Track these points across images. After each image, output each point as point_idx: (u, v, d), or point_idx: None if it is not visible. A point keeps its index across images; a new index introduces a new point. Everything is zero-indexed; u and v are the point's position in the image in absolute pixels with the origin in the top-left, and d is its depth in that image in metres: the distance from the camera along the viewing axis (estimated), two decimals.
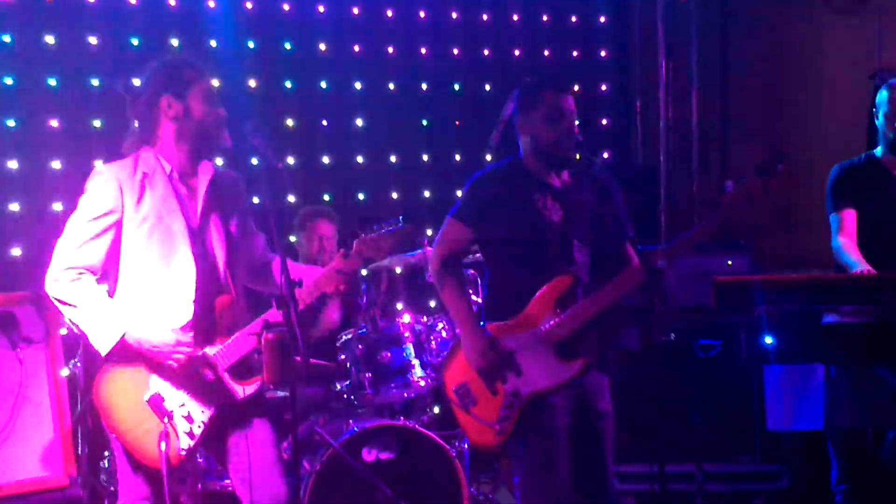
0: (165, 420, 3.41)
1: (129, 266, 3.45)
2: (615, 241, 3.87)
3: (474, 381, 3.78)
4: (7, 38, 5.34)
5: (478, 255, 4.38)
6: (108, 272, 3.47)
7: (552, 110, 3.77)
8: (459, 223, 3.85)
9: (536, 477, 3.74)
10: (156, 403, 3.44)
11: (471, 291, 4.68)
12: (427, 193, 6.57)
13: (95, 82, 5.54)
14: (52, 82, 5.46)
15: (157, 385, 3.46)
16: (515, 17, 6.88)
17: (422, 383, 4.73)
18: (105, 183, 3.43)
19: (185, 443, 3.45)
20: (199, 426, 3.47)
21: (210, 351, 3.49)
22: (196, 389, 3.48)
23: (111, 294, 3.47)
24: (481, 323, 3.84)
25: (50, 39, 5.43)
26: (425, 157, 6.61)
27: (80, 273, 3.38)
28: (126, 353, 3.39)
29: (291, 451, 3.80)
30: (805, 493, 5.24)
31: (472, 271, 4.94)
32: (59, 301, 3.40)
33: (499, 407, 3.75)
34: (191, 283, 3.48)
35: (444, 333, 4.86)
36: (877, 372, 4.42)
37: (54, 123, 5.49)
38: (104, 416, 3.50)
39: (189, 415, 3.46)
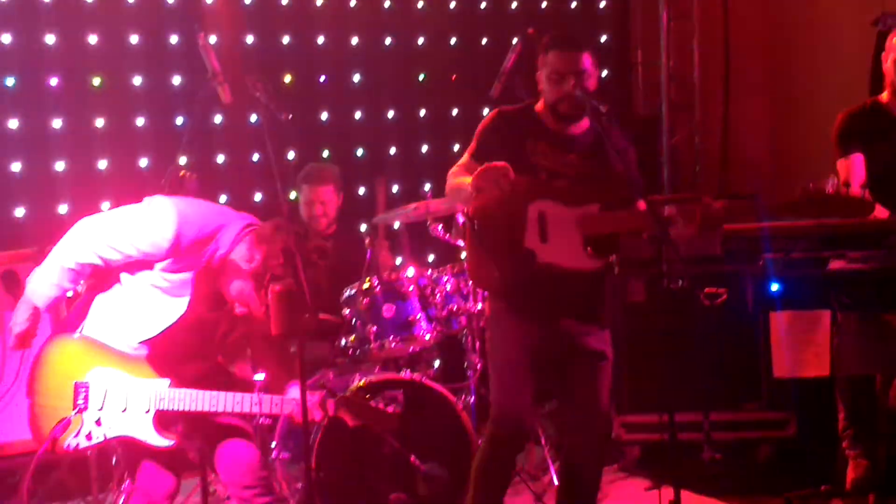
0: (74, 411, 3.43)
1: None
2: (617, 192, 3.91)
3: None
4: None
5: None
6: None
7: (552, 71, 3.82)
8: (474, 162, 3.85)
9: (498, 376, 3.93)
10: (79, 391, 3.46)
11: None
12: (425, 148, 6.57)
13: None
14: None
15: (93, 378, 3.48)
16: None
17: (427, 337, 4.74)
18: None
19: (75, 442, 3.45)
20: (99, 437, 3.46)
21: (156, 383, 3.51)
22: (118, 408, 3.48)
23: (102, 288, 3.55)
24: None
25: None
26: (422, 112, 6.59)
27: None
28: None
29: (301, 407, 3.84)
30: (811, 440, 5.26)
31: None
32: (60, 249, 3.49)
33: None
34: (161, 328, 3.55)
35: (448, 287, 4.85)
36: (884, 318, 4.44)
37: (53, 82, 5.48)
38: (32, 370, 3.56)
39: (99, 421, 3.46)
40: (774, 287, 4.32)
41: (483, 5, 6.74)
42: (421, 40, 6.53)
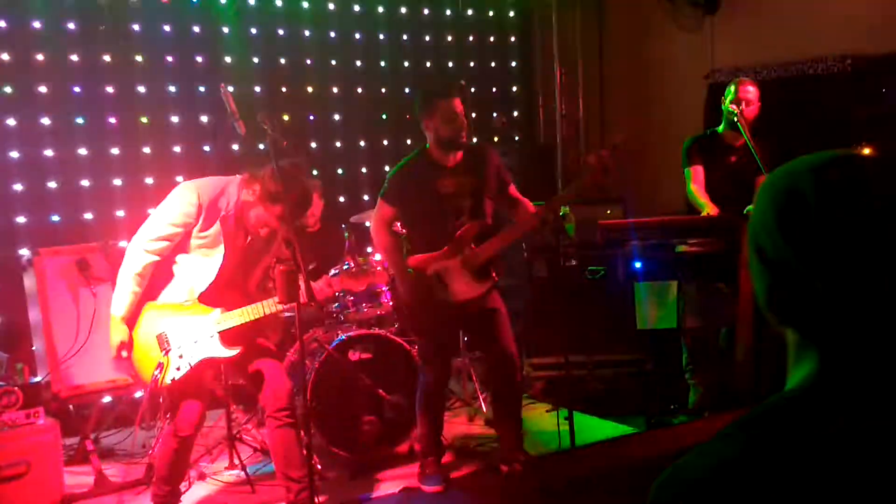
0: (163, 354, 3.41)
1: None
2: (502, 196, 3.93)
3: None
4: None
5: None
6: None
7: (445, 113, 3.78)
8: (386, 203, 3.89)
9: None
10: (161, 340, 3.43)
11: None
12: (387, 168, 6.49)
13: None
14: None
15: (167, 328, 3.44)
16: (449, 38, 6.82)
17: (390, 304, 4.75)
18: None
19: (171, 377, 3.41)
20: (186, 367, 3.43)
21: (212, 315, 3.46)
22: (190, 342, 3.45)
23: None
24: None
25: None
26: (385, 142, 6.56)
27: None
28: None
29: (299, 353, 3.81)
30: (664, 373, 5.31)
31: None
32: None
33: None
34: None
35: None
36: (714, 286, 4.52)
37: (112, 121, 5.38)
38: (129, 334, 3.50)
39: (181, 355, 3.43)
40: (638, 265, 4.37)
41: (428, 64, 6.72)
42: (384, 90, 6.49)
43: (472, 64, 6.93)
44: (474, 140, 3.90)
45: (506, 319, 3.99)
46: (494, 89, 7.03)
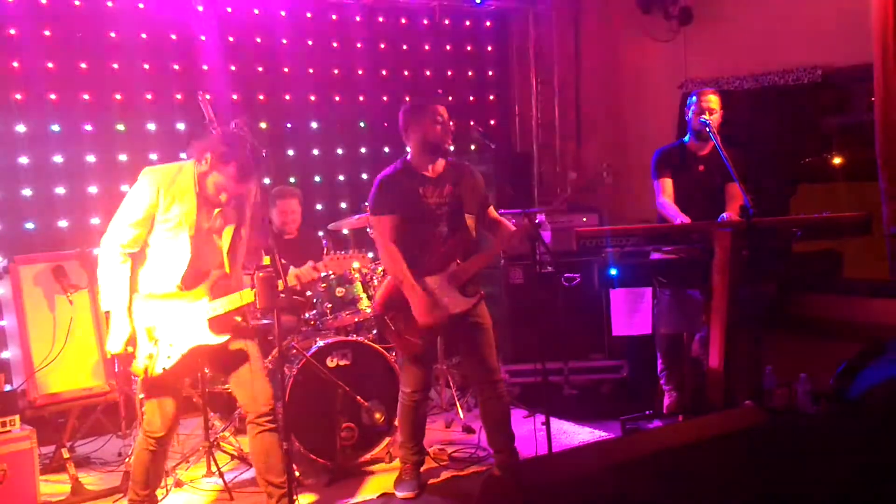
0: (151, 344, 3.41)
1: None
2: (482, 216, 4.00)
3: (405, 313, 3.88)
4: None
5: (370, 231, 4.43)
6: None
7: (435, 115, 3.87)
8: (381, 216, 3.91)
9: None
10: (150, 330, 3.43)
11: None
12: (365, 176, 6.56)
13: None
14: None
15: (155, 317, 3.43)
16: (427, 47, 6.86)
17: (367, 311, 4.76)
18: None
19: (161, 366, 3.42)
20: (176, 355, 3.42)
21: (199, 303, 3.44)
22: (179, 331, 3.44)
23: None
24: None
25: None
26: (363, 150, 6.57)
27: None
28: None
29: (276, 361, 3.81)
30: (638, 378, 5.40)
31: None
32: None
33: (418, 329, 3.87)
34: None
35: (382, 274, 4.88)
36: (688, 292, 4.58)
37: (88, 128, 5.37)
38: None
39: (171, 344, 3.43)
40: (613, 272, 4.41)
41: (406, 73, 6.76)
42: (361, 98, 6.52)
43: (448, 73, 6.98)
44: (452, 153, 3.93)
45: (489, 333, 4.02)
46: (471, 98, 7.09)
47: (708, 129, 4.49)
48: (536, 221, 3.88)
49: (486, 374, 4.01)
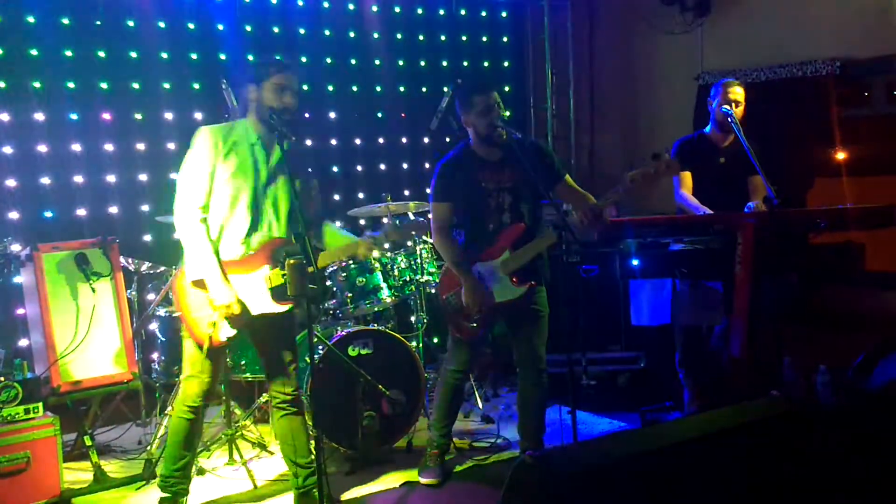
0: (216, 313, 3.39)
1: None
2: (550, 181, 3.94)
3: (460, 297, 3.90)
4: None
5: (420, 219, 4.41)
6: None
7: (482, 107, 3.81)
8: (439, 203, 3.90)
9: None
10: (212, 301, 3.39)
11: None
12: (383, 167, 6.55)
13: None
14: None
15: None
16: (443, 38, 6.84)
17: (388, 300, 4.76)
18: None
19: (226, 334, 3.42)
20: (239, 323, 3.43)
21: (261, 271, 3.43)
22: (246, 297, 3.43)
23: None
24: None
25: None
26: (381, 140, 6.55)
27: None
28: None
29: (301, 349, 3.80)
30: (656, 371, 5.38)
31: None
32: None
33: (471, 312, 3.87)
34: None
35: (402, 264, 4.89)
36: (707, 284, 4.56)
37: (106, 117, 5.35)
38: (177, 298, 3.49)
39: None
40: (635, 262, 4.40)
41: (423, 63, 6.74)
42: (379, 88, 6.49)
43: (465, 63, 6.96)
44: (519, 136, 3.89)
45: (544, 322, 4.00)
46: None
47: (730, 120, 4.46)
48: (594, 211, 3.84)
49: (534, 362, 4.00)
